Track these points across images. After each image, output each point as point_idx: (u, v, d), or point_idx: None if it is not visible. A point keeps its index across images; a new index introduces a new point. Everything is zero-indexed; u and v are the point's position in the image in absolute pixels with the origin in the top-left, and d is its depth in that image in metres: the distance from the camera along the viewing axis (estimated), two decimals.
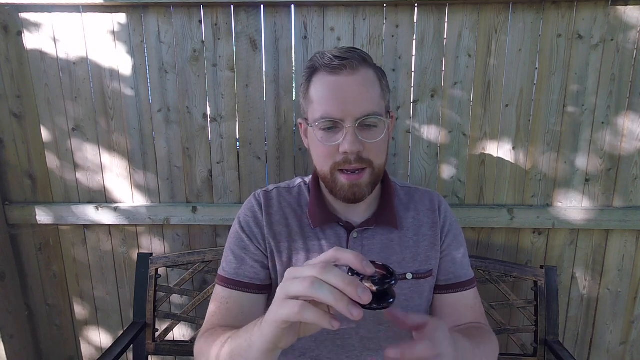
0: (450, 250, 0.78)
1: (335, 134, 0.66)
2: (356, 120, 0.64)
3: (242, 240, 0.76)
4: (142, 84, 1.22)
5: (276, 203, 0.78)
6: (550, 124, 1.20)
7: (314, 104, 0.68)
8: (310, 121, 0.70)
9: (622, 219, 1.22)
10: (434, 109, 1.21)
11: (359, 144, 0.65)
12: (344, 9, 1.15)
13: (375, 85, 0.68)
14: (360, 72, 0.66)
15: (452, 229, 0.80)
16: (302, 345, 0.74)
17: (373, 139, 0.66)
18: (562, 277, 1.30)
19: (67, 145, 1.26)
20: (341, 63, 0.65)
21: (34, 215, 1.28)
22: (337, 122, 0.65)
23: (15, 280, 1.33)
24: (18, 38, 1.19)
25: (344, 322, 0.60)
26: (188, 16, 1.17)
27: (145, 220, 1.28)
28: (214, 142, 1.25)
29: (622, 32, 1.13)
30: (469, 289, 0.78)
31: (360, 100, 0.65)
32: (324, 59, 0.66)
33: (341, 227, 0.76)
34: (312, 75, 0.69)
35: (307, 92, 0.70)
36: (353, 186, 0.68)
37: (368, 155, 0.67)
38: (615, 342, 1.34)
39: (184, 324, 1.38)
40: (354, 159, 0.66)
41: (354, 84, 0.65)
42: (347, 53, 0.66)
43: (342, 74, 0.65)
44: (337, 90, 0.65)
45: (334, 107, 0.65)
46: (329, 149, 0.67)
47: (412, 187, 0.85)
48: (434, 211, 0.80)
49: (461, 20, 1.15)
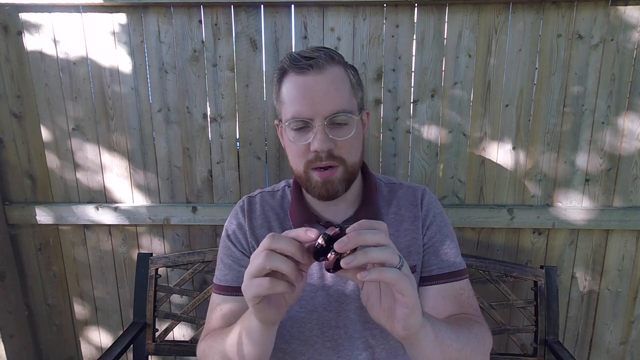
0: (433, 242, 0.77)
1: (306, 133, 0.67)
2: (325, 118, 0.65)
3: (228, 248, 0.78)
4: (142, 84, 1.22)
5: (259, 207, 0.80)
6: (550, 124, 1.20)
7: (285, 105, 0.69)
8: (283, 122, 0.71)
9: (622, 219, 1.22)
10: (434, 109, 1.21)
11: (329, 142, 0.66)
12: (344, 9, 1.15)
13: (344, 82, 0.69)
14: (328, 71, 0.66)
15: (435, 221, 0.78)
16: (293, 348, 0.75)
17: (343, 137, 0.67)
18: (562, 277, 1.30)
19: (67, 145, 1.26)
20: (308, 63, 0.65)
21: (34, 215, 1.28)
22: (307, 121, 0.66)
23: (15, 280, 1.33)
24: (18, 38, 1.19)
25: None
26: (188, 16, 1.17)
27: (145, 220, 1.28)
28: (214, 142, 1.25)
29: (622, 32, 1.13)
30: (455, 280, 0.75)
31: (329, 99, 0.65)
32: (291, 59, 0.67)
33: (322, 227, 0.76)
34: (282, 76, 0.70)
35: (279, 93, 0.71)
36: (326, 183, 0.69)
37: (340, 152, 0.68)
38: (615, 342, 1.34)
39: (184, 324, 1.38)
40: (324, 157, 0.67)
41: (322, 82, 0.66)
42: (314, 52, 0.67)
43: (309, 74, 0.66)
44: (305, 89, 0.66)
45: (303, 106, 0.66)
46: (301, 148, 0.68)
47: (397, 183, 0.84)
48: (416, 205, 0.79)
49: (461, 20, 1.15)
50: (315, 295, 0.74)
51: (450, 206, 1.25)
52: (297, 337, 0.74)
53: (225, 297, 0.75)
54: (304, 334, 0.74)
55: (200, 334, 1.20)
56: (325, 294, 0.74)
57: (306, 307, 0.74)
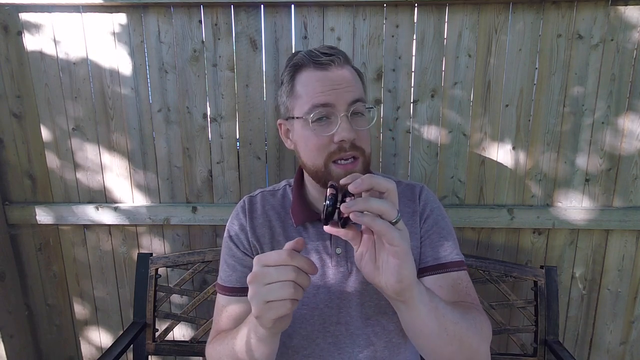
0: (430, 235, 0.77)
1: (328, 125, 0.67)
2: (349, 105, 0.66)
3: (230, 249, 0.78)
4: (142, 84, 1.22)
5: (260, 207, 0.80)
6: (550, 124, 1.20)
7: (303, 98, 0.68)
8: (298, 116, 0.70)
9: (622, 219, 1.22)
10: (434, 109, 1.21)
11: (353, 131, 0.66)
12: (344, 9, 1.15)
13: (358, 80, 0.71)
14: (346, 68, 0.69)
15: (432, 214, 0.79)
16: (295, 344, 0.75)
17: (364, 127, 0.68)
18: (562, 277, 1.30)
19: (67, 145, 1.26)
20: (329, 59, 0.67)
21: (34, 215, 1.28)
22: (329, 110, 0.66)
23: (15, 280, 1.33)
24: (18, 38, 1.19)
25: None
26: (188, 16, 1.17)
27: (145, 220, 1.28)
28: (214, 142, 1.25)
29: (622, 32, 1.13)
30: (451, 270, 0.74)
31: (350, 87, 0.67)
32: (311, 55, 0.68)
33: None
34: (296, 72, 0.70)
35: (293, 89, 0.70)
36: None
37: (360, 143, 0.68)
38: (615, 342, 1.34)
39: (184, 324, 1.38)
40: (348, 147, 0.66)
41: (342, 76, 0.67)
42: (332, 50, 0.69)
43: (330, 69, 0.67)
44: (328, 80, 0.67)
45: (326, 95, 0.66)
46: (323, 140, 0.67)
47: (396, 181, 0.84)
48: (414, 201, 0.80)
49: (461, 20, 1.15)
50: (317, 292, 0.75)
51: (450, 206, 1.25)
52: (299, 333, 0.75)
53: (230, 298, 0.75)
54: (305, 329, 0.75)
55: (200, 334, 1.22)
56: (327, 291, 0.74)
57: (308, 304, 0.74)
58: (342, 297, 0.74)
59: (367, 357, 0.74)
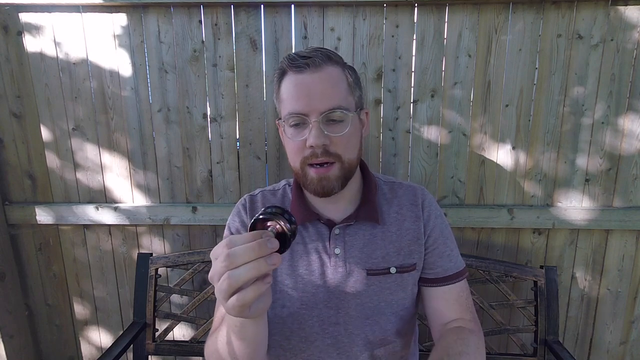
0: (437, 245, 0.79)
1: (303, 130, 0.69)
2: (320, 114, 0.67)
3: None
4: (142, 84, 1.22)
5: (260, 205, 0.81)
6: (550, 124, 1.20)
7: (284, 102, 0.71)
8: (282, 118, 0.73)
9: (622, 219, 1.22)
10: (434, 109, 1.21)
11: (324, 138, 0.67)
12: (344, 9, 1.15)
13: (341, 81, 0.70)
14: (324, 70, 0.68)
15: (437, 224, 0.80)
16: (293, 345, 0.75)
17: (339, 133, 0.69)
18: (562, 277, 1.30)
19: (67, 145, 1.26)
20: (305, 62, 0.68)
21: (34, 215, 1.28)
22: (303, 117, 0.68)
23: (15, 280, 1.33)
24: (18, 38, 1.19)
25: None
26: (188, 16, 1.17)
27: (145, 220, 1.28)
28: (214, 142, 1.25)
29: (622, 32, 1.13)
30: (457, 281, 0.78)
31: (325, 96, 0.67)
32: (290, 59, 0.70)
33: (323, 224, 0.77)
34: (282, 76, 0.72)
35: (279, 92, 0.73)
36: (322, 179, 0.70)
37: (335, 149, 0.69)
38: (615, 342, 1.34)
39: (184, 324, 1.38)
40: (320, 153, 0.68)
41: (318, 80, 0.68)
42: (312, 52, 0.69)
43: (306, 72, 0.68)
44: (302, 87, 0.68)
45: (299, 103, 0.68)
46: (298, 145, 0.70)
47: (397, 182, 0.86)
48: (417, 205, 0.80)
49: (461, 20, 1.15)
50: (316, 292, 0.75)
51: (450, 206, 1.25)
52: (297, 334, 0.75)
53: None
54: (304, 330, 0.74)
55: (200, 334, 1.22)
56: (326, 291, 0.74)
57: (307, 304, 0.74)
58: (341, 297, 0.74)
59: (366, 357, 0.75)
